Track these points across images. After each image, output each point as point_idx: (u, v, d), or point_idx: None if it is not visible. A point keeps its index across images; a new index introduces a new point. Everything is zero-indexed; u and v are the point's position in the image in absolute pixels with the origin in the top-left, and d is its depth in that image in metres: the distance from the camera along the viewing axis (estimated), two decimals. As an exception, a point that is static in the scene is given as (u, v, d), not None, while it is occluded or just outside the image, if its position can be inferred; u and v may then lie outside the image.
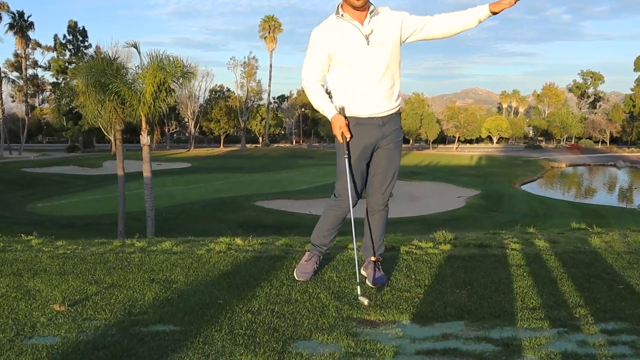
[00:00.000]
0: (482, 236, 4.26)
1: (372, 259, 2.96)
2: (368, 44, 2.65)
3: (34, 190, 33.38)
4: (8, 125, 67.95)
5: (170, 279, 2.89)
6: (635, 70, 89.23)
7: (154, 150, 17.30)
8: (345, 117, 2.75)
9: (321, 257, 3.04)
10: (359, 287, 2.64)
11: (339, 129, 2.70)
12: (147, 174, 17.34)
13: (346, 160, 2.74)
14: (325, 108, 2.75)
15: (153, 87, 15.45)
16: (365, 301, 2.51)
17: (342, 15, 2.67)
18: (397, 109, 2.85)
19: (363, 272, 3.00)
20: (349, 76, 2.72)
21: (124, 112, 16.55)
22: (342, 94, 2.77)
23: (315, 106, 2.80)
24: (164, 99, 15.83)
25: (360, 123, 2.76)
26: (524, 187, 45.89)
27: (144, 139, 17.12)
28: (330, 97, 2.81)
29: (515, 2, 2.55)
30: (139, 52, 16.51)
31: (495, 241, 3.93)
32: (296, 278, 2.91)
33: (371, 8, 2.69)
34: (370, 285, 2.83)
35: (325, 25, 2.71)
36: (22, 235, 4.29)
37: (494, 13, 2.63)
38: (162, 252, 3.51)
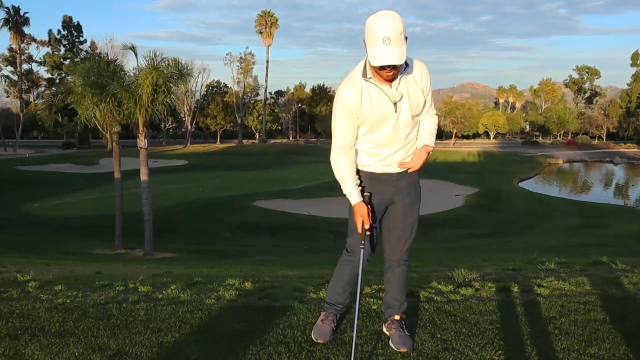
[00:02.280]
0: (502, 274, 4.07)
1: (396, 317, 2.77)
2: (396, 110, 2.45)
3: (30, 190, 33.06)
4: (2, 120, 67.34)
5: (180, 341, 2.69)
6: (632, 65, 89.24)
7: (149, 146, 17.03)
8: (369, 204, 2.57)
9: (338, 315, 2.86)
10: None
11: (360, 218, 2.52)
12: (144, 177, 17.09)
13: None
14: (351, 192, 2.54)
15: (149, 88, 15.17)
16: None
17: (369, 78, 2.40)
18: None
19: (386, 331, 2.81)
20: (370, 138, 2.53)
21: (120, 114, 16.28)
22: (359, 153, 2.59)
23: (339, 180, 2.59)
24: (162, 102, 15.54)
25: (374, 178, 2.60)
26: (521, 184, 45.90)
27: (141, 141, 16.86)
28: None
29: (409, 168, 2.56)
30: (136, 55, 16.25)
31: (517, 282, 3.74)
32: (314, 340, 2.73)
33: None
34: (394, 349, 2.64)
35: (352, 89, 2.43)
36: (19, 275, 4.06)
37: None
38: (168, 301, 3.29)
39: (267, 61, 76.97)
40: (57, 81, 65.85)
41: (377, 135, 2.50)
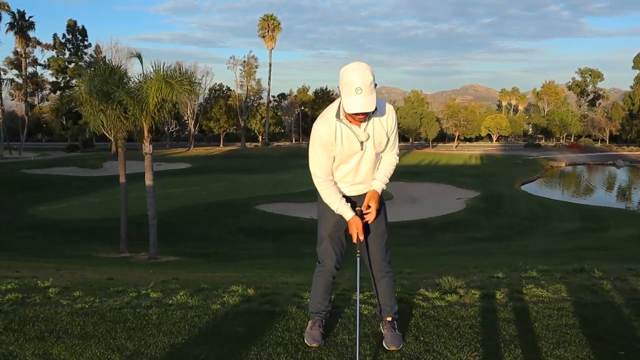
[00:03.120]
0: (487, 282, 4.37)
1: (388, 319, 3.08)
2: (362, 149, 2.81)
3: (35, 193, 33.47)
4: (7, 123, 67.83)
5: (190, 343, 3.00)
6: (634, 67, 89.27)
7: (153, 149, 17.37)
8: (362, 217, 2.91)
9: (324, 320, 3.18)
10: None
11: (355, 230, 2.87)
12: (149, 182, 17.42)
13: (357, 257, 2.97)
14: (343, 210, 2.90)
15: (157, 99, 15.49)
16: None
17: (342, 118, 2.74)
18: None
19: (382, 330, 3.12)
20: (337, 167, 2.90)
21: (127, 120, 16.60)
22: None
23: (329, 204, 2.93)
24: (168, 111, 15.89)
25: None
26: (523, 188, 46.09)
27: (146, 147, 17.20)
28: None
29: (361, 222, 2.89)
30: (142, 62, 16.56)
31: (500, 289, 4.05)
32: (309, 345, 3.03)
33: None
34: (386, 347, 2.95)
35: (328, 127, 2.78)
36: (39, 281, 4.39)
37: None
38: (178, 307, 3.62)
39: (270, 64, 77.47)
40: (62, 85, 66.43)
41: (344, 167, 2.88)
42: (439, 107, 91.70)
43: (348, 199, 2.96)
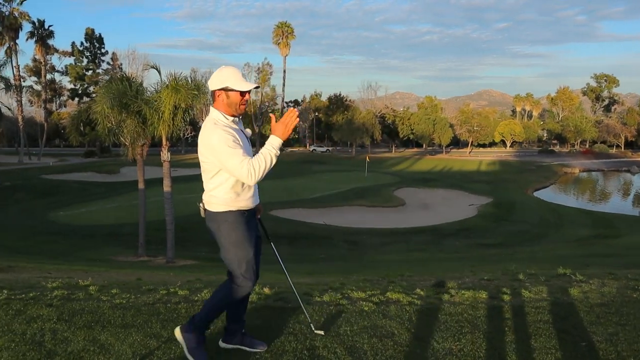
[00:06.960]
0: (477, 283, 4.86)
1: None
2: (253, 145, 3.21)
3: (55, 198, 34.39)
4: (26, 129, 69.29)
5: (214, 332, 3.53)
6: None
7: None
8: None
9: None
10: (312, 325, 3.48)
11: (289, 119, 2.91)
12: (167, 189, 18.06)
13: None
14: (275, 146, 2.89)
15: (170, 106, 16.13)
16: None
17: (228, 123, 3.05)
18: None
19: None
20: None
21: (144, 131, 17.27)
22: (234, 194, 3.03)
23: (267, 161, 2.85)
24: (182, 119, 16.54)
25: (248, 215, 3.15)
26: (536, 194, 46.17)
27: (164, 155, 17.85)
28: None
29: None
30: (160, 73, 17.21)
31: (487, 290, 4.53)
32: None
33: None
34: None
35: (225, 127, 2.98)
36: (80, 280, 4.96)
37: None
38: (203, 302, 4.15)
39: (284, 71, 78.35)
40: (80, 92, 67.84)
41: None
42: (452, 113, 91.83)
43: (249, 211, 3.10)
